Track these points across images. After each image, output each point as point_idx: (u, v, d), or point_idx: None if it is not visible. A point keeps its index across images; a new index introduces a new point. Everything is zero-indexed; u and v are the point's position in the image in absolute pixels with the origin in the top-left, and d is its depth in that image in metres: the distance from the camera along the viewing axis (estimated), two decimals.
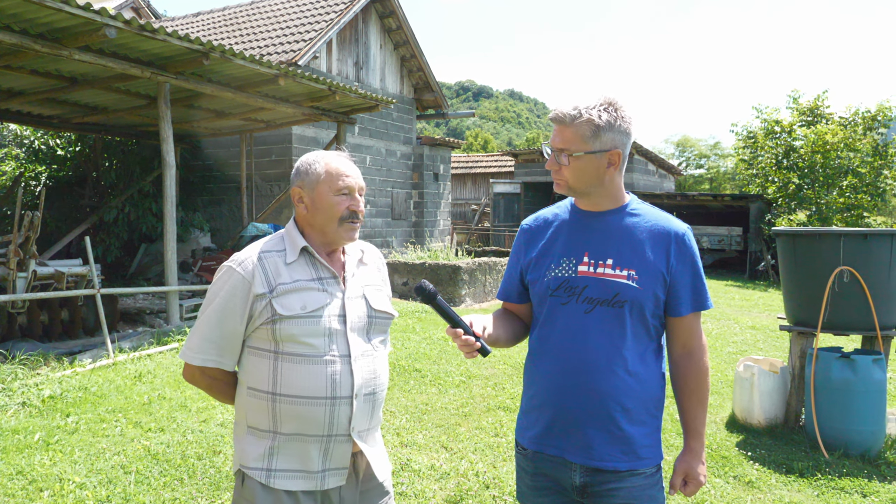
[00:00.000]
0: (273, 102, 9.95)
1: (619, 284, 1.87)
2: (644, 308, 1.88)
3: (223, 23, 16.80)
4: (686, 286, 1.92)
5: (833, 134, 17.86)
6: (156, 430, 4.65)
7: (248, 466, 1.88)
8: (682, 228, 1.95)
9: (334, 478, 1.89)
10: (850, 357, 4.64)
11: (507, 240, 22.91)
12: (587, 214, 1.99)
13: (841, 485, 4.11)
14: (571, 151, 1.86)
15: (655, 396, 1.95)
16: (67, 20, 6.54)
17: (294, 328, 1.83)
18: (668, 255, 1.91)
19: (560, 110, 1.87)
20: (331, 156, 1.98)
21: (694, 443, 1.98)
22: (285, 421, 1.85)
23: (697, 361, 1.97)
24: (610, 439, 1.88)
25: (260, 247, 1.94)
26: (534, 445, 2.00)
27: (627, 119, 1.88)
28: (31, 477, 3.83)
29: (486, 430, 4.98)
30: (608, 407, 1.87)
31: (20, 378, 5.57)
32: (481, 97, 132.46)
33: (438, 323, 9.12)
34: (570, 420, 1.91)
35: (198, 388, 2.01)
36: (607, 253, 1.91)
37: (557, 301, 1.94)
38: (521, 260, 2.09)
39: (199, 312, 1.94)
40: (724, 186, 41.25)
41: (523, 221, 2.17)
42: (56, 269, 7.61)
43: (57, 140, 13.77)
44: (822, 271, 4.85)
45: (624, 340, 1.88)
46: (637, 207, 1.99)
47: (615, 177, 1.93)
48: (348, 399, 1.87)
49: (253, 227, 11.86)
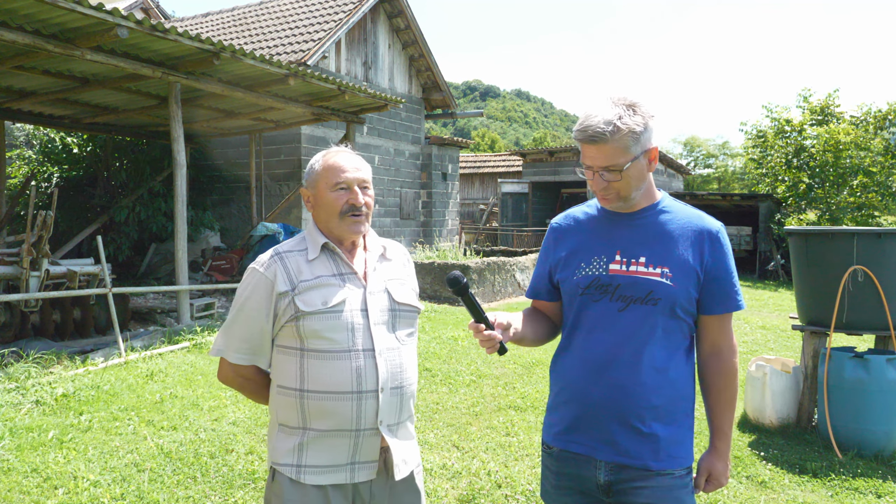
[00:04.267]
0: (282, 102, 9.98)
1: (653, 282, 1.85)
2: (677, 306, 1.86)
3: (232, 23, 16.85)
4: (719, 285, 1.89)
5: (845, 133, 17.76)
6: (168, 429, 4.67)
7: (278, 463, 1.91)
8: (716, 226, 1.93)
9: (364, 471, 1.90)
10: (864, 357, 4.61)
11: (516, 239, 22.88)
12: (619, 213, 1.96)
13: (855, 485, 4.09)
14: (620, 166, 1.81)
15: (686, 395, 1.92)
16: (80, 20, 6.58)
17: (317, 324, 1.85)
18: (701, 253, 1.88)
19: (593, 129, 1.79)
20: (331, 153, 1.99)
21: (719, 442, 1.96)
22: (314, 417, 1.87)
23: (726, 361, 1.94)
24: (636, 436, 1.85)
25: (282, 247, 1.97)
26: (559, 443, 1.98)
27: (651, 112, 1.85)
28: (45, 475, 3.86)
29: (498, 429, 4.98)
30: (634, 403, 1.84)
31: (34, 376, 5.60)
32: (489, 97, 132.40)
33: (448, 322, 9.13)
34: (595, 415, 1.89)
35: (231, 388, 2.04)
36: (640, 251, 1.89)
37: (588, 299, 1.92)
38: (549, 258, 2.08)
39: (228, 313, 1.99)
40: (732, 186, 41.10)
41: (553, 219, 2.15)
42: (68, 269, 7.66)
43: (73, 138, 13.86)
44: (835, 271, 4.82)
45: (654, 337, 1.86)
46: (669, 205, 1.97)
47: (650, 174, 1.92)
48: (374, 393, 1.87)
49: (262, 227, 11.89)
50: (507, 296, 12.26)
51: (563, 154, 25.03)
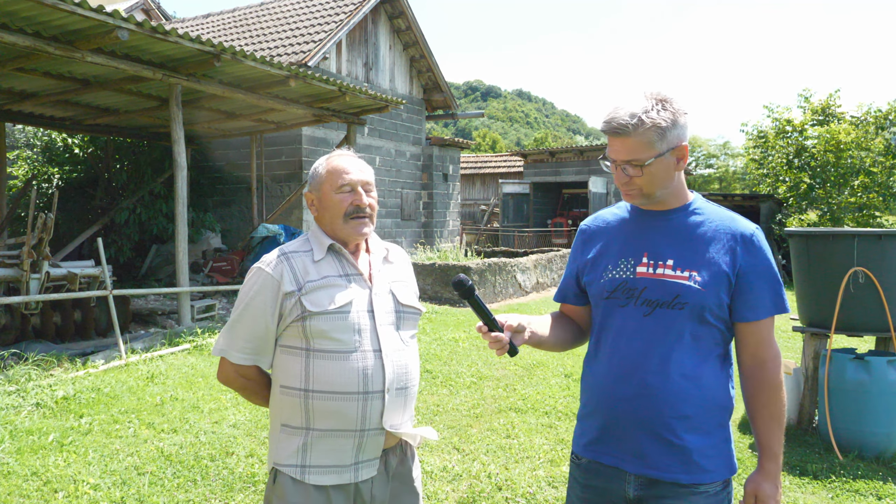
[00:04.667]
0: (283, 103, 9.98)
1: (680, 286, 1.77)
2: (706, 311, 1.77)
3: (233, 24, 16.86)
4: (754, 289, 1.79)
5: (846, 133, 17.75)
6: (168, 431, 4.67)
7: (281, 463, 1.90)
8: (751, 228, 1.82)
9: (367, 469, 1.90)
10: (865, 358, 4.61)
11: (517, 240, 22.88)
12: (648, 214, 1.89)
13: (856, 487, 4.08)
14: (642, 161, 1.75)
15: (720, 405, 1.81)
16: (80, 22, 6.58)
17: (324, 324, 1.86)
18: (734, 256, 1.79)
19: (617, 121, 1.74)
20: (334, 156, 2.01)
21: (767, 462, 1.81)
22: (318, 417, 1.87)
23: (769, 373, 1.81)
24: (667, 448, 1.76)
25: (287, 248, 1.98)
26: (588, 453, 1.90)
27: (683, 110, 1.78)
28: (45, 478, 3.86)
29: (498, 431, 4.97)
30: (662, 413, 1.76)
31: (34, 379, 5.61)
32: (490, 97, 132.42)
33: (449, 323, 9.13)
34: (623, 426, 1.81)
35: (232, 388, 2.03)
36: (668, 253, 1.81)
37: (615, 303, 1.85)
38: (577, 261, 2.02)
39: (231, 313, 1.97)
40: (733, 186, 41.08)
41: (583, 222, 2.09)
42: (69, 271, 7.66)
43: (74, 139, 13.88)
44: (836, 272, 4.81)
45: (682, 344, 1.77)
46: (701, 206, 1.88)
47: (680, 173, 1.84)
48: (380, 393, 1.88)
49: (263, 228, 11.90)
50: (508, 297, 12.26)
51: (564, 154, 25.01)
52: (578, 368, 6.66)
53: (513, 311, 10.62)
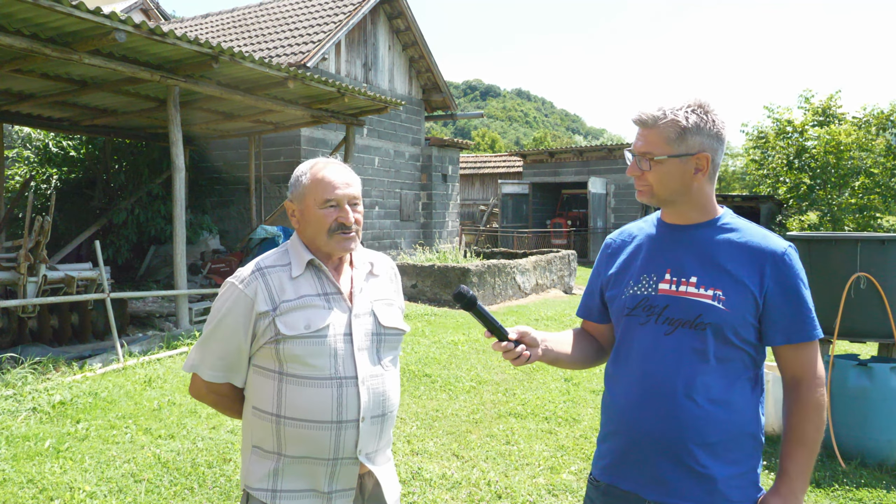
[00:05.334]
0: (282, 105, 9.94)
1: (702, 305, 1.69)
2: (730, 332, 1.68)
3: (232, 24, 16.82)
4: (784, 312, 1.70)
5: (847, 134, 17.72)
6: (166, 437, 4.63)
7: (252, 487, 1.84)
8: (782, 247, 1.72)
9: (342, 499, 1.84)
10: (867, 365, 4.57)
11: (516, 241, 22.84)
12: (673, 228, 1.82)
13: (859, 496, 4.05)
14: (654, 155, 1.71)
15: (749, 432, 1.72)
16: (77, 24, 6.54)
17: (298, 348, 1.77)
18: (762, 276, 1.70)
19: (644, 112, 1.73)
20: (319, 166, 1.89)
21: (781, 485, 1.71)
22: (290, 443, 1.80)
23: (803, 394, 1.72)
24: (688, 475, 1.68)
25: (263, 262, 1.88)
26: (606, 477, 1.83)
27: (719, 123, 1.72)
28: (41, 485, 3.82)
29: (498, 437, 4.94)
30: (684, 438, 1.68)
31: (30, 383, 5.56)
32: (489, 96, 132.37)
33: (448, 327, 9.09)
34: (643, 450, 1.73)
35: (204, 403, 1.97)
36: (692, 270, 1.74)
37: (635, 321, 1.78)
38: (601, 276, 1.95)
39: (203, 328, 1.89)
40: (733, 186, 41.03)
41: (608, 236, 2.02)
42: (66, 274, 7.62)
43: (69, 141, 13.83)
44: (838, 277, 4.78)
45: (707, 366, 1.69)
46: (731, 222, 1.79)
47: (704, 185, 1.75)
48: (354, 423, 1.80)
49: (262, 230, 11.87)
50: (508, 298, 12.22)
51: (563, 155, 24.99)
52: (578, 373, 6.63)
53: (512, 313, 10.59)
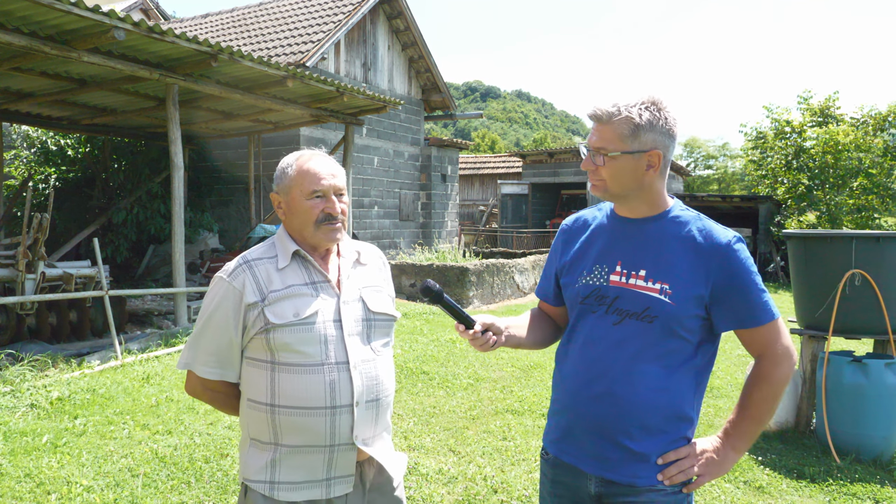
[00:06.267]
0: (281, 104, 9.96)
1: (650, 298, 1.75)
2: (676, 325, 1.74)
3: (231, 24, 16.84)
4: (736, 300, 1.75)
5: (845, 134, 17.74)
6: (163, 433, 4.65)
7: (250, 479, 1.85)
8: (727, 237, 1.78)
9: (341, 486, 1.84)
10: (862, 361, 4.59)
11: (515, 241, 22.87)
12: (625, 221, 1.87)
13: (853, 490, 4.07)
14: (608, 151, 1.75)
15: (687, 417, 1.80)
16: (76, 22, 6.56)
17: (288, 336, 1.78)
18: (708, 268, 1.75)
19: (598, 107, 1.77)
20: (304, 157, 1.91)
21: (714, 438, 1.82)
22: (286, 432, 1.81)
23: (763, 367, 1.78)
24: (626, 455, 1.77)
25: (250, 255, 1.90)
26: (553, 450, 1.93)
27: (671, 120, 1.76)
28: (38, 480, 3.84)
29: (495, 433, 4.96)
30: (624, 421, 1.76)
31: (29, 380, 5.58)
32: (489, 97, 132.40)
33: (446, 325, 9.10)
34: (585, 429, 1.82)
35: (201, 401, 1.98)
36: (641, 263, 1.79)
37: (587, 309, 1.85)
38: (556, 261, 2.02)
39: (195, 325, 1.90)
40: (732, 187, 41.07)
41: (564, 220, 2.08)
42: (65, 271, 7.64)
43: (67, 140, 13.84)
44: (834, 274, 4.80)
45: (649, 355, 1.76)
46: (680, 215, 1.84)
47: (655, 181, 1.80)
48: (349, 407, 1.81)
49: (261, 228, 11.88)
50: (507, 297, 12.24)
51: (562, 155, 25.01)
52: None
53: (512, 312, 10.61)
